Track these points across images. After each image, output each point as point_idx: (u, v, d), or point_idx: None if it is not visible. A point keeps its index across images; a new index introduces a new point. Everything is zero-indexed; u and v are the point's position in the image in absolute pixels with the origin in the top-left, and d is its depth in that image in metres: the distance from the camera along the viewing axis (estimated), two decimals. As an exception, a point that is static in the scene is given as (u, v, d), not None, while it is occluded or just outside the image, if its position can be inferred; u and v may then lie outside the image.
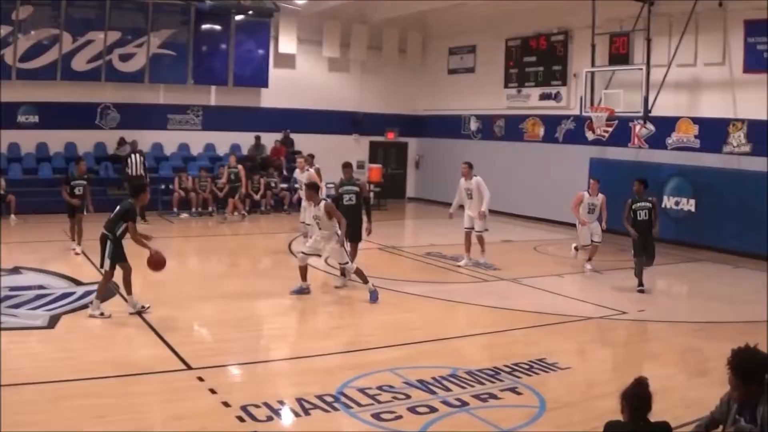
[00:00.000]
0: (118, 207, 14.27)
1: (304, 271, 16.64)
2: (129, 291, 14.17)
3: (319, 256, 17.20)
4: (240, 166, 29.81)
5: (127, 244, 14.08)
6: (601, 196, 21.04)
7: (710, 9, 24.50)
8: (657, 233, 18.73)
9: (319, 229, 16.51)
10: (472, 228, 20.99)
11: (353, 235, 18.18)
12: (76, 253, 20.23)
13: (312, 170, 23.67)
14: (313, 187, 16.93)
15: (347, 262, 16.46)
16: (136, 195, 14.61)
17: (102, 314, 13.72)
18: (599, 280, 19.97)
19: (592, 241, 21.16)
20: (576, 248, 21.70)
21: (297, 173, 24.33)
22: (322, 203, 16.39)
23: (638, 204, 18.21)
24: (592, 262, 20.96)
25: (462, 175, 20.92)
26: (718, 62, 24.94)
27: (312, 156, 26.35)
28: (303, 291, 16.52)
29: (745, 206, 23.56)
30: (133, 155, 27.95)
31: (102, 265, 14.11)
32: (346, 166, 19.28)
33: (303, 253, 16.79)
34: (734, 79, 24.61)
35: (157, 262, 14.28)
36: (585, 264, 21.13)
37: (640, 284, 17.90)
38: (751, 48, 23.94)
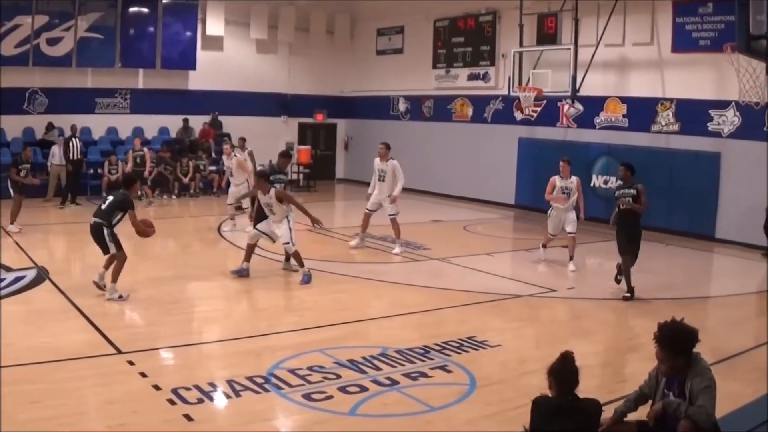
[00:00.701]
0: (111, 197, 14.70)
1: (251, 249, 16.63)
2: (115, 279, 14.11)
3: (273, 241, 17.01)
4: (145, 150, 29.61)
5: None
6: (574, 178, 19.01)
7: (639, -11, 24.61)
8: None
9: (273, 214, 16.37)
10: (374, 211, 20.67)
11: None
12: (16, 232, 20.44)
13: (240, 156, 23.42)
14: (263, 176, 16.74)
15: (288, 243, 16.33)
16: (128, 186, 14.84)
17: (120, 297, 14.01)
18: (529, 259, 20.01)
19: (567, 232, 19.02)
20: (544, 246, 19.73)
21: (225, 159, 24.09)
22: (272, 190, 16.19)
23: (621, 191, 16.63)
24: (573, 260, 18.87)
25: (378, 155, 20.60)
26: (646, 42, 25.08)
27: (244, 139, 26.21)
28: (242, 273, 16.42)
29: (673, 185, 23.78)
30: (73, 139, 27.56)
31: (107, 251, 14.30)
32: (285, 155, 19.22)
33: (257, 230, 16.71)
34: (662, 58, 24.76)
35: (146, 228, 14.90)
36: (568, 264, 18.80)
37: (629, 289, 15.70)
38: (679, 28, 24.06)
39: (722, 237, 23.01)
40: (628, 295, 15.50)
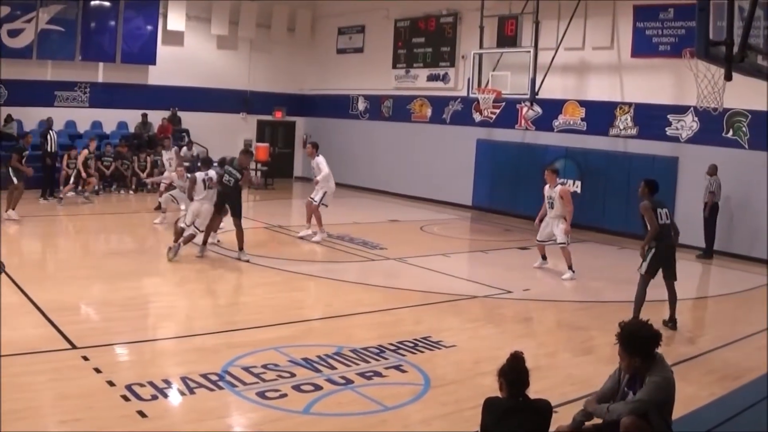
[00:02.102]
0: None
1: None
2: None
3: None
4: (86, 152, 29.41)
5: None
6: (559, 187, 18.49)
7: (600, -7, 24.76)
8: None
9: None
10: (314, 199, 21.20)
11: (234, 212, 18.34)
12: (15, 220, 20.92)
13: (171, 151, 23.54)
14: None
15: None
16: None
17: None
18: (485, 260, 20.10)
19: (555, 242, 18.42)
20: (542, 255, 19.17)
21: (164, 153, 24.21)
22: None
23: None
24: (570, 269, 18.15)
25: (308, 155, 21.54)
26: (606, 46, 25.25)
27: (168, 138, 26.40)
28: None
29: (630, 188, 23.83)
30: (50, 132, 27.38)
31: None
32: (246, 152, 19.43)
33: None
34: (622, 63, 24.92)
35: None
36: (563, 274, 18.21)
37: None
38: (640, 33, 24.25)
39: (679, 241, 23.10)
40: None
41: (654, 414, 6.80)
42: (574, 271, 18.10)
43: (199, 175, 18.22)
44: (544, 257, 19.15)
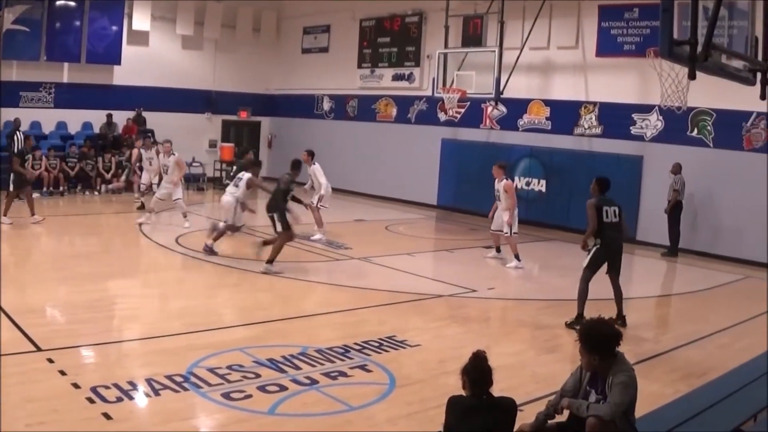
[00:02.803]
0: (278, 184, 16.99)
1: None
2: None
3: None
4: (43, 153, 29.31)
5: None
6: (504, 182, 19.39)
7: (565, -7, 24.88)
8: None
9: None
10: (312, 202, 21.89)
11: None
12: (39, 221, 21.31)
13: (176, 155, 23.50)
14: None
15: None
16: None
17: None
18: (450, 259, 20.15)
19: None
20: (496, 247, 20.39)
21: (161, 157, 24.02)
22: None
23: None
24: (516, 259, 19.23)
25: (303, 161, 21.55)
26: (571, 46, 25.41)
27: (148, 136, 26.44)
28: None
29: (595, 187, 24.00)
30: (17, 132, 27.34)
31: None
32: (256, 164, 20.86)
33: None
34: (587, 62, 25.08)
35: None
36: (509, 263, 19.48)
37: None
38: (605, 32, 24.42)
39: (643, 239, 23.29)
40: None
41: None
42: (520, 260, 19.03)
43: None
44: (498, 249, 20.12)
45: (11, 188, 21.53)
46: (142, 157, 25.13)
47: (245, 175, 18.77)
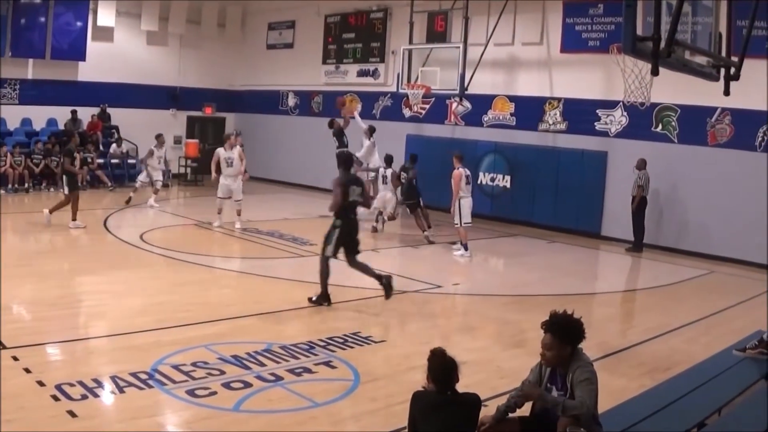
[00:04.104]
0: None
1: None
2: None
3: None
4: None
5: None
6: (454, 171, 20.13)
7: (530, -11, 24.95)
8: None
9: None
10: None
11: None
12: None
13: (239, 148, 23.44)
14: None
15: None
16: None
17: None
18: (414, 255, 20.17)
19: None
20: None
21: (225, 148, 23.44)
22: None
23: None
24: (464, 248, 20.02)
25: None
26: (535, 42, 25.48)
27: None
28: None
29: (559, 183, 24.14)
30: None
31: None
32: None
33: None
34: (551, 58, 25.18)
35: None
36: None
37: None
38: (569, 28, 24.52)
39: (608, 234, 23.43)
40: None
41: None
42: (466, 249, 19.62)
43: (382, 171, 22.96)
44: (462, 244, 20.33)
45: (66, 190, 21.22)
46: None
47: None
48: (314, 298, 14.04)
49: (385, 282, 14.11)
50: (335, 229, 14.02)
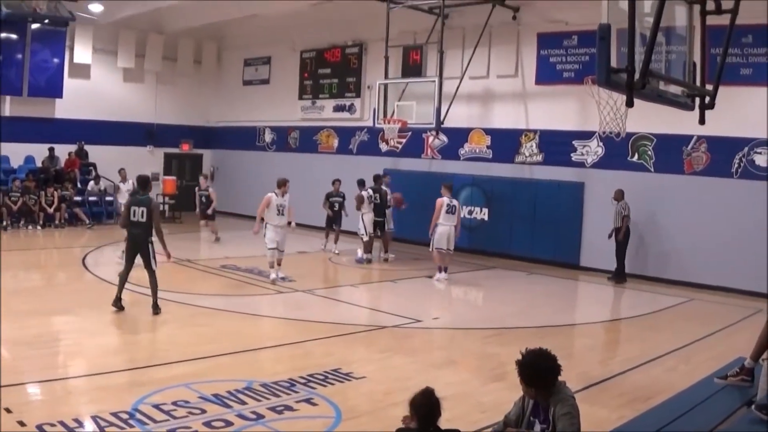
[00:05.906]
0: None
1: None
2: None
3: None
4: None
5: None
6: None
7: (504, 22, 25.18)
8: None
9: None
10: None
11: None
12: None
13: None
14: None
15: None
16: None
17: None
18: (393, 289, 20.16)
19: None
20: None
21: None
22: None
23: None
24: (438, 271, 21.12)
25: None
26: (510, 74, 25.61)
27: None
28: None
29: (537, 214, 24.17)
30: None
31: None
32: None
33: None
34: (526, 90, 25.30)
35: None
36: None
37: None
38: (543, 60, 24.67)
39: (586, 265, 23.46)
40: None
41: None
42: (442, 273, 20.71)
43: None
44: (441, 269, 21.03)
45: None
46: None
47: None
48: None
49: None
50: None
